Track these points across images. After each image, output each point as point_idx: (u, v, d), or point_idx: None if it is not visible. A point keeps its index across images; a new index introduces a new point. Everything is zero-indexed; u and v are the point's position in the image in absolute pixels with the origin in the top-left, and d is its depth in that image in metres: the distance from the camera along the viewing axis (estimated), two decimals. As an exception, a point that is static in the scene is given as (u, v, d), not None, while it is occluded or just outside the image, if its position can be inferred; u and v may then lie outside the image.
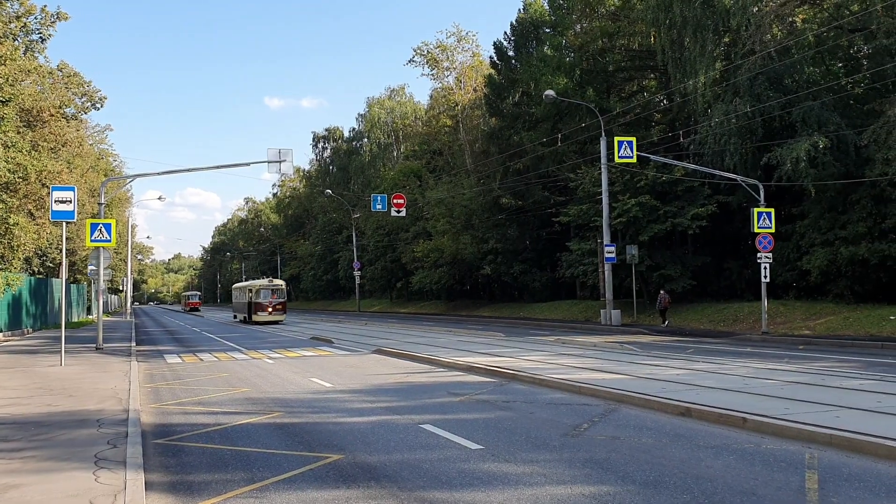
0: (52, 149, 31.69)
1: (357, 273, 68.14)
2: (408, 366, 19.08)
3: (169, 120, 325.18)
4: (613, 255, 33.93)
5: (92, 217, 32.34)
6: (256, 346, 27.38)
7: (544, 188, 46.36)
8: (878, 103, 26.86)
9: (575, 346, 23.54)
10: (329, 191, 75.61)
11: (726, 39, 32.49)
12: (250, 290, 48.01)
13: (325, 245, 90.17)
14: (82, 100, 37.30)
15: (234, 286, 61.47)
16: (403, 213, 43.71)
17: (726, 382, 13.71)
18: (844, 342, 22.89)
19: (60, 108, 32.26)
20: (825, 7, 30.04)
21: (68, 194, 18.94)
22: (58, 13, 32.02)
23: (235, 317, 55.30)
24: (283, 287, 48.96)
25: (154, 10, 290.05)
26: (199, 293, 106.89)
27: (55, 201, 18.84)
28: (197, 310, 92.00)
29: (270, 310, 46.10)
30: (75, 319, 50.07)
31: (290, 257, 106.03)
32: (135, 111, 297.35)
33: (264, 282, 48.59)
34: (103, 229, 22.39)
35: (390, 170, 78.31)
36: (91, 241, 22.63)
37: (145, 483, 7.39)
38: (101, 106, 38.41)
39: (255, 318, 46.19)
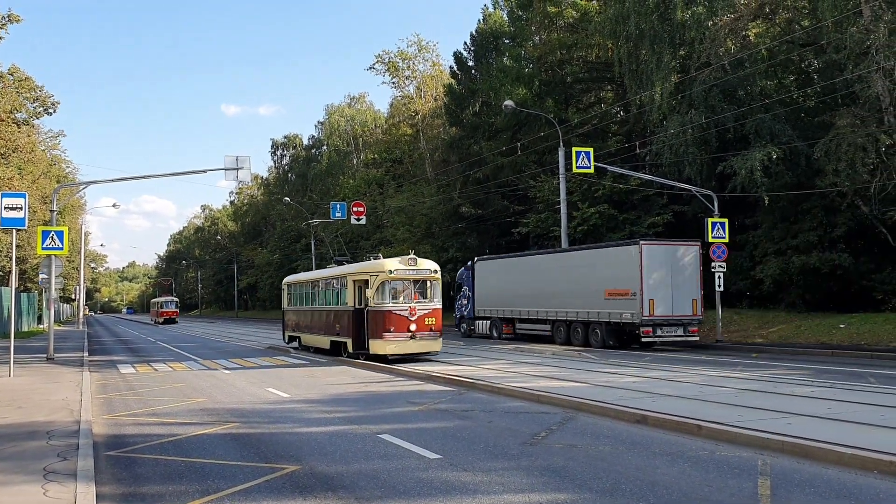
0: (2, 154, 31.01)
1: (316, 282, 67.50)
2: (366, 375, 18.99)
3: (123, 126, 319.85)
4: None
5: (44, 224, 31.69)
6: (212, 355, 27.03)
7: (504, 197, 46.61)
8: (828, 116, 27.52)
9: (534, 355, 23.64)
10: (287, 198, 75.04)
11: (682, 52, 33.04)
12: (360, 285, 22.46)
13: (283, 253, 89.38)
14: (34, 105, 36.57)
15: (289, 280, 30.97)
16: (363, 222, 43.62)
17: (681, 390, 13.89)
18: (796, 350, 23.36)
19: (11, 112, 31.61)
20: (777, 22, 30.73)
21: (19, 201, 18.54)
22: (9, 15, 31.37)
23: (295, 340, 28.86)
24: (438, 275, 22.47)
25: (108, 15, 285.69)
26: (175, 300, 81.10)
27: (5, 208, 18.42)
28: (173, 321, 74.84)
29: (415, 327, 21.25)
30: (25, 329, 48.92)
31: (248, 266, 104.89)
32: (88, 117, 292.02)
33: (396, 264, 21.85)
34: (55, 237, 21.93)
35: (350, 178, 78.10)
36: (43, 248, 22.16)
37: (96, 496, 7.23)
38: (54, 111, 37.72)
39: (377, 346, 21.30)
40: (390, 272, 21.42)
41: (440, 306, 22.14)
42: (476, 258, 35.40)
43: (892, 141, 24.88)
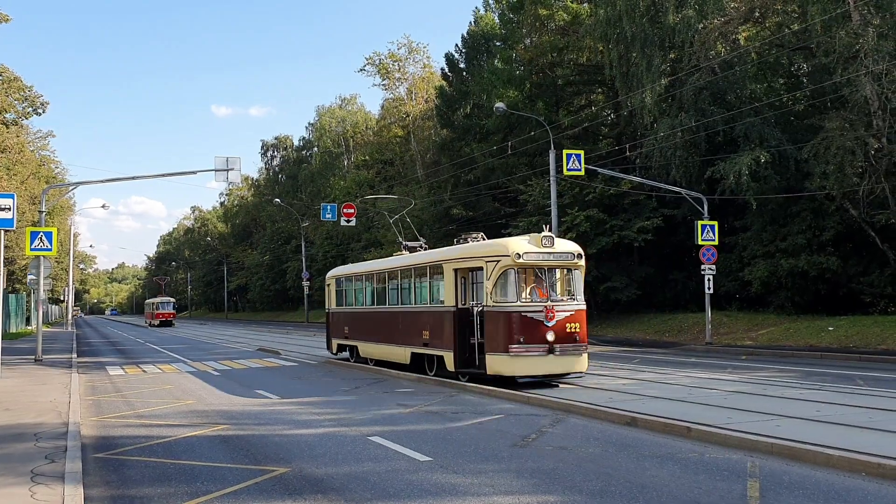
0: (-10, 155, 30.86)
1: (306, 283, 67.51)
2: (357, 376, 18.95)
3: (113, 127, 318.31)
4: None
5: (32, 225, 31.51)
6: (202, 357, 26.94)
7: (494, 199, 46.61)
8: (817, 119, 27.64)
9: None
10: (278, 199, 74.94)
11: (672, 55, 33.11)
12: (464, 275, 16.74)
13: (273, 255, 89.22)
14: (23, 105, 36.39)
15: (338, 273, 25.30)
16: (353, 223, 43.50)
17: (671, 392, 13.93)
18: (785, 352, 23.46)
19: (0, 113, 31.42)
20: (767, 26, 30.86)
21: (7, 201, 18.42)
22: (-3, 15, 31.20)
23: (345, 350, 23.42)
24: (582, 261, 15.98)
25: (98, 16, 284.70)
26: (171, 300, 73.63)
27: (-7, 208, 18.30)
28: (170, 323, 68.70)
29: (553, 336, 14.87)
30: (13, 330, 48.59)
31: (238, 267, 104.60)
32: (78, 117, 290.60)
33: (526, 245, 15.51)
34: (44, 238, 21.83)
35: (341, 179, 78.01)
36: (31, 249, 22.07)
37: (84, 498, 7.19)
38: (44, 111, 37.63)
39: (499, 364, 15.03)
40: (518, 256, 15.11)
41: (585, 306, 15.86)
42: None
43: (880, 144, 25.02)
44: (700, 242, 27.50)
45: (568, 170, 30.56)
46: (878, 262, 28.04)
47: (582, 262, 15.89)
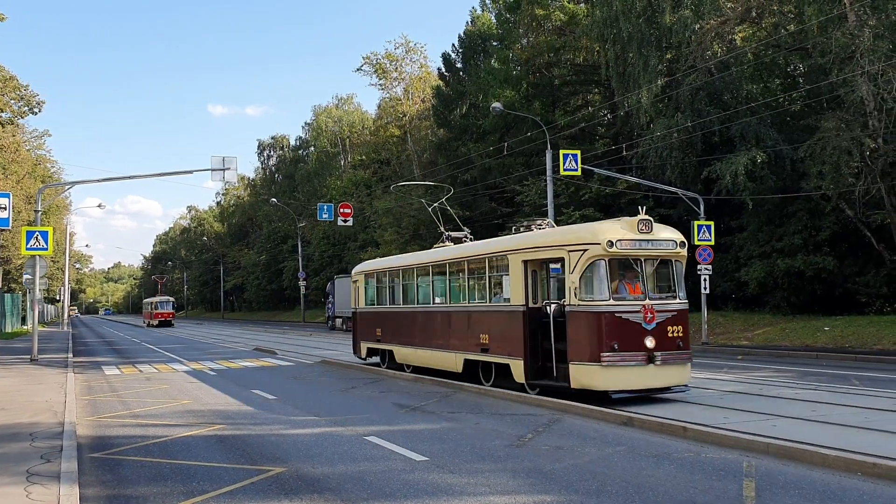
0: (-14, 154, 30.79)
1: (302, 283, 67.51)
2: (353, 376, 18.94)
3: (109, 126, 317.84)
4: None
5: (28, 224, 31.44)
6: (198, 357, 26.90)
7: (491, 199, 46.62)
8: (813, 119, 27.70)
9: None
10: (274, 199, 74.86)
11: (669, 55, 33.15)
12: (535, 268, 14.46)
13: (269, 254, 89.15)
14: (19, 104, 36.30)
15: (368, 269, 22.23)
16: (350, 223, 43.48)
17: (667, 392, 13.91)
18: (781, 352, 23.50)
19: (-4, 112, 31.38)
20: (764, 26, 30.90)
21: (3, 201, 18.44)
22: (-7, 14, 31.14)
23: (376, 354, 21.06)
24: (685, 251, 13.28)
25: (95, 15, 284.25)
26: (171, 300, 71.19)
27: (-11, 208, 18.27)
28: (169, 324, 66.77)
29: (653, 342, 12.33)
30: (9, 330, 48.47)
31: (234, 267, 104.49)
32: (74, 117, 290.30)
33: (619, 230, 12.67)
34: (40, 237, 21.80)
35: (337, 179, 77.98)
36: (27, 249, 22.03)
37: (80, 498, 7.18)
38: (40, 110, 37.49)
39: (587, 375, 12.40)
40: (610, 244, 12.43)
41: (688, 305, 13.31)
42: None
43: (876, 145, 25.07)
44: (696, 242, 27.48)
45: (564, 170, 30.55)
46: (873, 262, 28.09)
47: (685, 251, 13.28)
